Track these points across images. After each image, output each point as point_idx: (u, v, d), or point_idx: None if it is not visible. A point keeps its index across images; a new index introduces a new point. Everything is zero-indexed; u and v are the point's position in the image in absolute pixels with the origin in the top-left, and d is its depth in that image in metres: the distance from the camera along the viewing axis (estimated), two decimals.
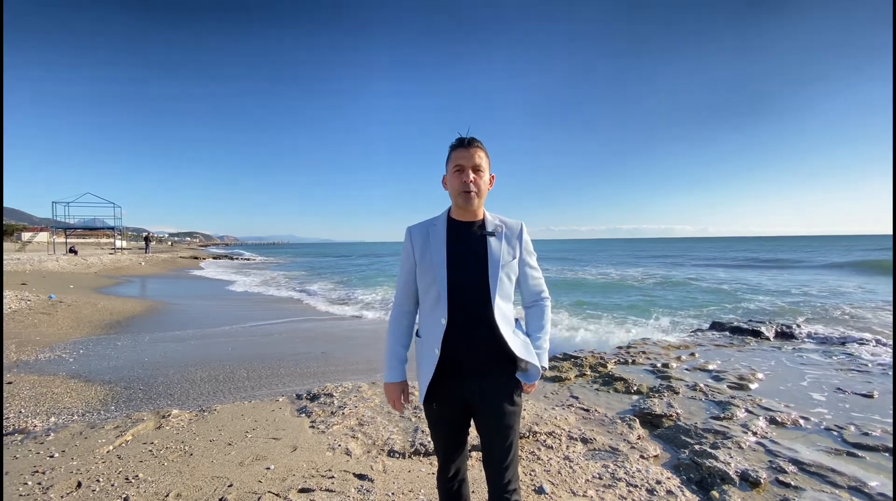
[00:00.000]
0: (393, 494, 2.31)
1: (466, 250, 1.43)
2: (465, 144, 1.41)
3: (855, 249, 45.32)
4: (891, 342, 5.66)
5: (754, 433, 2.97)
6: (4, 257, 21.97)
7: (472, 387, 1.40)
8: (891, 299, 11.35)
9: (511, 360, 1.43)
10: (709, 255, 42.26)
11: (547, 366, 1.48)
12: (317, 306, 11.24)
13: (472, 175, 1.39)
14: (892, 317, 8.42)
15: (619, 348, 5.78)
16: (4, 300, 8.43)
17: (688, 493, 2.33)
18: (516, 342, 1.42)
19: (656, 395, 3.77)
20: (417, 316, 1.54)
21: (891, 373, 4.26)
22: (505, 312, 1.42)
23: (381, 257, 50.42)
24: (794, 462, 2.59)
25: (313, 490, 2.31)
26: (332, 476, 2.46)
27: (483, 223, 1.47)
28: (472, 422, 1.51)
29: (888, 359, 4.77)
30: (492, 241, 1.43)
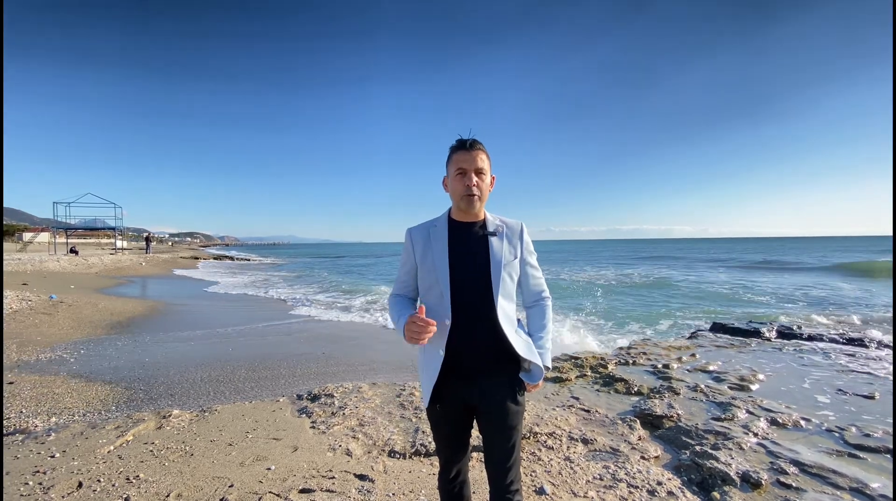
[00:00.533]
0: (393, 494, 2.31)
1: (468, 251, 1.42)
2: (466, 147, 1.40)
3: (855, 250, 45.30)
4: (891, 341, 5.65)
5: (755, 434, 2.97)
6: (5, 257, 21.99)
7: (475, 387, 1.40)
8: (890, 301, 11.34)
9: (514, 360, 1.42)
10: (709, 256, 42.26)
11: (550, 365, 1.47)
12: (314, 307, 11.24)
13: (474, 178, 1.38)
14: (892, 318, 8.41)
15: (620, 348, 5.77)
16: (5, 301, 8.43)
17: (689, 494, 2.32)
18: (519, 341, 1.41)
19: (657, 396, 3.77)
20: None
21: (891, 374, 4.25)
22: (507, 312, 1.41)
23: (380, 257, 50.46)
24: (796, 463, 2.59)
25: (314, 491, 2.31)
26: (333, 477, 2.46)
27: (484, 224, 1.47)
28: (474, 423, 1.51)
29: (889, 360, 4.76)
30: (493, 241, 1.43)
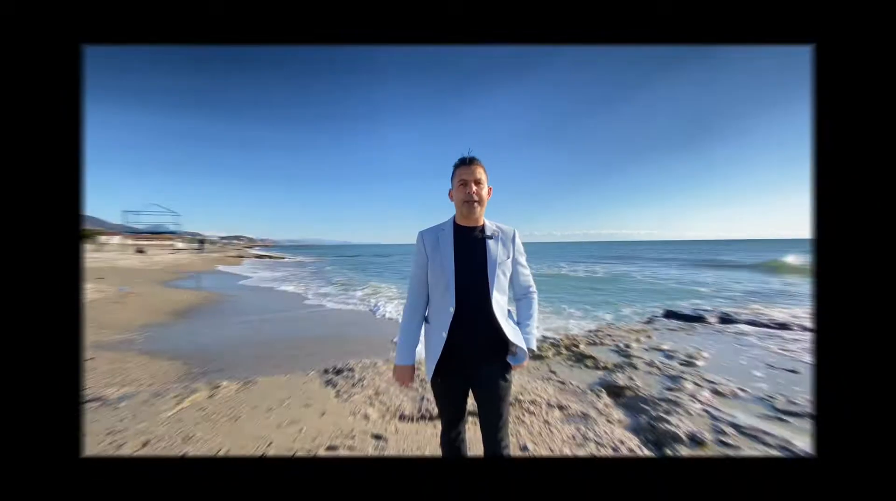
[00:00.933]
0: (403, 451, 2.31)
1: (469, 251, 1.43)
2: (466, 163, 1.42)
3: (782, 250, 45.22)
4: (810, 326, 5.64)
5: (700, 402, 2.97)
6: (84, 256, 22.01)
7: (472, 366, 1.41)
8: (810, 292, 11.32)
9: (505, 344, 1.43)
10: (661, 256, 42.16)
11: (535, 349, 1.48)
12: (336, 298, 11.23)
13: (474, 187, 1.40)
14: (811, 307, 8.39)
15: (590, 331, 5.76)
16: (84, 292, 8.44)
17: (646, 451, 2.32)
18: (509, 328, 1.42)
19: (620, 370, 3.76)
20: (427, 307, 1.54)
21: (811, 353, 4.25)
22: (500, 303, 1.42)
23: (389, 257, 50.33)
24: (733, 425, 2.59)
25: (338, 448, 2.31)
26: (354, 436, 2.46)
27: (483, 229, 1.47)
28: (470, 394, 1.51)
29: (809, 341, 4.75)
30: (490, 243, 1.44)
